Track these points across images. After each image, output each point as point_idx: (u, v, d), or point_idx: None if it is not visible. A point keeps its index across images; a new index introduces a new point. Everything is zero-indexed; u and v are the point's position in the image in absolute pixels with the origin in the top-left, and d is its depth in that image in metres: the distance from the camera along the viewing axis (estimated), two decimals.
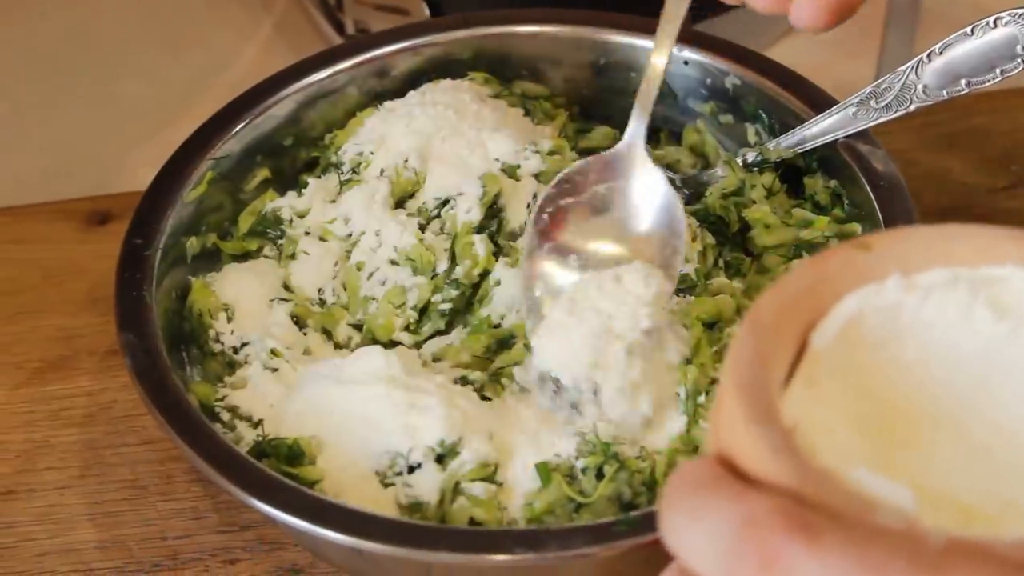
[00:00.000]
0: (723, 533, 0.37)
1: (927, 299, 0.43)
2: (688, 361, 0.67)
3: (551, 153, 0.77)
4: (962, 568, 0.35)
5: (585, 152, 0.79)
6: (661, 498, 0.39)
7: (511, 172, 0.76)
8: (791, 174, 0.76)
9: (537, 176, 0.76)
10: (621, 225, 0.72)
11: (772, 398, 0.40)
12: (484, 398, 0.69)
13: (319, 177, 0.78)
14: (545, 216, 0.72)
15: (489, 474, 0.65)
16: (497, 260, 0.73)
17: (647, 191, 0.72)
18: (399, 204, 0.76)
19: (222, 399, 0.70)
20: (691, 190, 0.78)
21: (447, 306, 0.73)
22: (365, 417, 0.66)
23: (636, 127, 0.73)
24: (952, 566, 0.35)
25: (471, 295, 0.73)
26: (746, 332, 0.41)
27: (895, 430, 0.42)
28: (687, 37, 0.79)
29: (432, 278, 0.73)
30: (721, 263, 0.74)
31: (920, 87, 0.71)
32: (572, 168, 0.73)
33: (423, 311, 0.73)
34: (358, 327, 0.73)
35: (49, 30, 1.03)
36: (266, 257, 0.77)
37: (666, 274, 0.68)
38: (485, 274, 0.73)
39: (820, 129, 0.73)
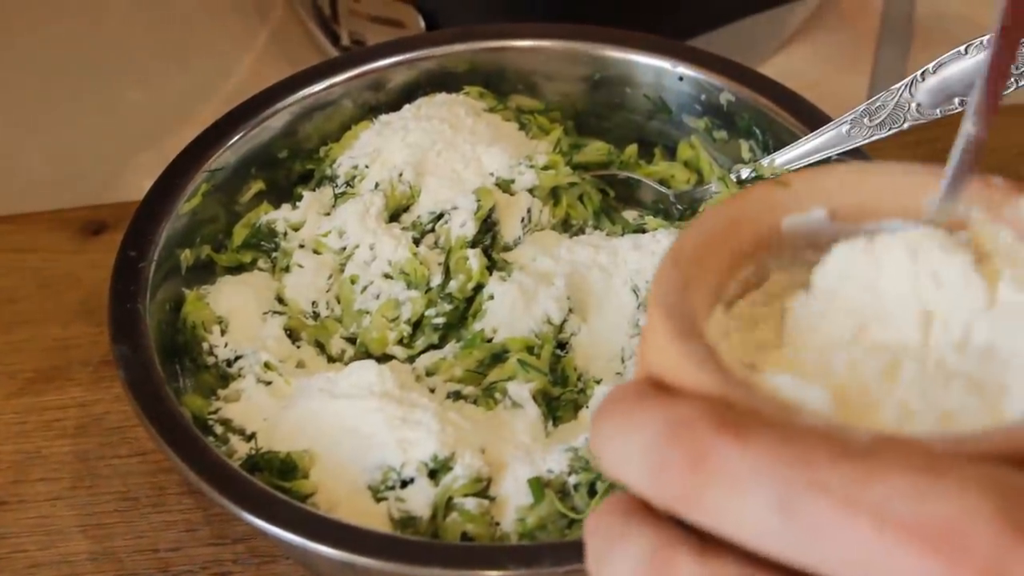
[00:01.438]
0: (650, 437, 0.37)
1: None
2: None
3: (545, 168, 0.77)
4: (889, 458, 0.35)
5: (580, 167, 0.79)
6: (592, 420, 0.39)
7: (505, 187, 0.76)
8: None
9: (531, 191, 0.76)
10: None
11: (695, 319, 0.41)
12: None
13: (314, 190, 0.79)
14: None
15: (481, 489, 0.65)
16: (491, 274, 0.73)
17: None
18: (393, 218, 0.77)
19: (215, 412, 0.70)
20: (685, 206, 0.78)
21: (441, 320, 0.73)
22: (358, 431, 0.66)
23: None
24: (878, 456, 0.35)
25: (465, 309, 0.73)
26: (669, 263, 0.42)
27: (815, 347, 0.43)
28: (682, 53, 0.79)
29: (426, 292, 0.73)
30: None
31: (914, 105, 0.71)
32: None
33: (416, 325, 0.73)
34: (352, 340, 0.73)
35: (47, 39, 1.03)
36: (260, 270, 0.77)
37: None
38: (479, 288, 0.73)
39: (814, 146, 0.74)
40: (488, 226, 0.75)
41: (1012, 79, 0.68)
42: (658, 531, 0.38)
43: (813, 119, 0.75)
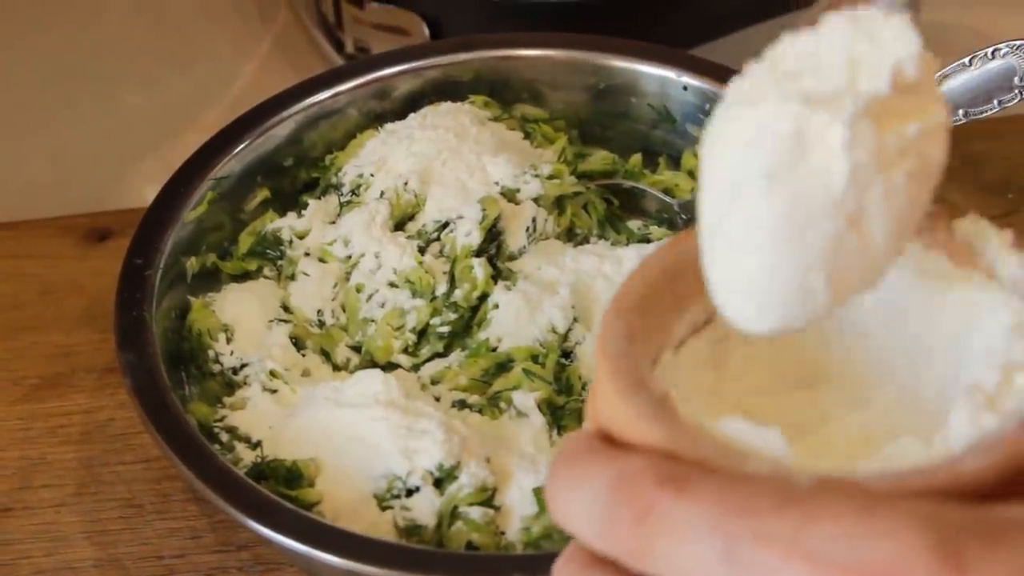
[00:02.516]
0: (597, 495, 0.38)
1: None
2: None
3: (550, 177, 0.77)
4: (828, 500, 0.35)
5: (585, 176, 0.80)
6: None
7: (511, 196, 0.77)
8: None
9: (536, 200, 0.77)
10: None
11: (642, 370, 0.41)
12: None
13: (319, 198, 0.79)
14: None
15: (487, 498, 0.65)
16: (496, 283, 0.74)
17: None
18: (399, 226, 0.77)
19: (221, 420, 0.70)
20: (689, 215, 0.78)
21: (446, 329, 0.73)
22: (364, 440, 0.66)
23: None
24: (818, 499, 0.35)
25: (470, 318, 0.73)
26: (612, 311, 0.42)
27: (772, 394, 0.43)
28: (686, 62, 0.79)
29: (431, 301, 0.73)
30: None
31: None
32: None
33: (422, 334, 0.73)
34: (357, 349, 0.74)
35: (49, 45, 1.03)
36: (265, 278, 0.77)
37: None
38: (484, 297, 0.73)
39: None
40: (493, 235, 0.75)
41: (1016, 91, 0.69)
42: None
43: None
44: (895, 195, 0.38)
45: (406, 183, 0.77)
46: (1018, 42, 0.68)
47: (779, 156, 0.38)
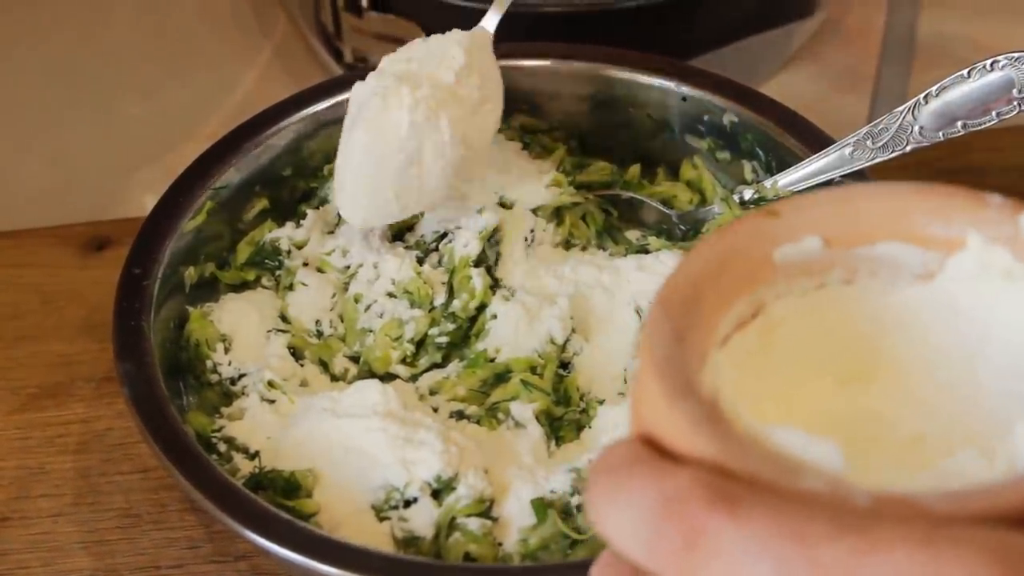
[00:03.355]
0: (644, 511, 0.37)
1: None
2: None
3: (549, 187, 0.77)
4: (887, 527, 0.34)
5: (583, 187, 0.80)
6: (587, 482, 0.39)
7: (509, 206, 0.77)
8: None
9: (535, 211, 0.77)
10: None
11: (689, 372, 0.39)
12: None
13: (317, 208, 0.79)
14: None
15: (484, 509, 0.65)
16: (494, 294, 0.74)
17: None
18: (397, 237, 0.77)
19: (219, 430, 0.70)
20: (688, 226, 0.78)
21: (444, 339, 0.73)
22: (362, 451, 0.66)
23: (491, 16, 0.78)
24: (877, 526, 0.34)
25: (468, 329, 0.73)
26: (657, 310, 0.41)
27: (822, 390, 0.42)
28: (685, 73, 0.79)
29: (429, 311, 0.73)
30: None
31: (916, 128, 0.71)
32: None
33: (420, 344, 0.73)
34: (355, 359, 0.74)
35: (49, 54, 1.03)
36: (263, 287, 0.77)
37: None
38: (482, 308, 0.73)
39: (817, 168, 0.74)
40: (491, 246, 0.75)
41: (1015, 103, 0.69)
42: None
43: (816, 141, 0.75)
44: (443, 146, 0.70)
45: None
46: (1017, 54, 0.68)
47: (372, 110, 0.71)
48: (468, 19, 0.90)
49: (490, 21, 0.77)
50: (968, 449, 0.40)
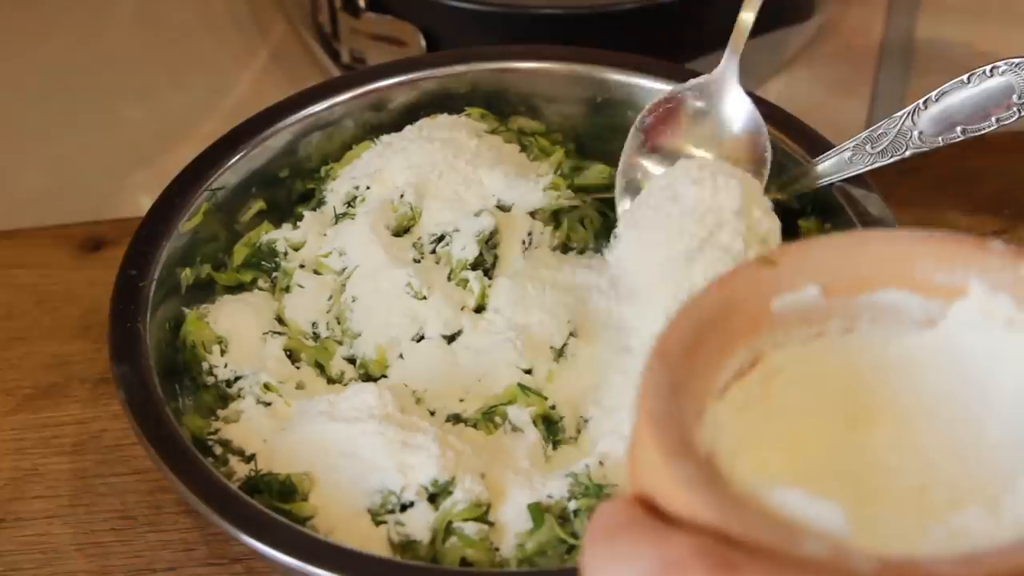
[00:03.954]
0: None
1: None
2: None
3: (547, 190, 0.77)
4: None
5: (581, 190, 0.79)
6: (581, 545, 0.38)
7: (507, 209, 0.76)
8: (786, 216, 0.76)
9: (532, 213, 0.76)
10: (713, 135, 0.75)
11: (687, 428, 0.39)
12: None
13: (314, 210, 0.79)
14: (649, 118, 0.76)
15: (481, 514, 0.65)
16: (492, 296, 0.73)
17: (736, 112, 0.76)
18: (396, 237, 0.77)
19: (215, 433, 0.70)
20: None
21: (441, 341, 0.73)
22: (358, 454, 0.66)
23: (729, 59, 0.77)
24: None
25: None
26: (655, 364, 0.40)
27: (823, 440, 0.42)
28: (683, 77, 0.79)
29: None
30: None
31: (916, 133, 0.71)
32: (674, 88, 0.77)
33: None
34: (351, 362, 0.73)
35: (45, 55, 1.03)
36: (260, 289, 0.77)
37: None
38: (480, 310, 0.73)
39: (816, 173, 0.74)
40: (489, 248, 0.75)
41: (1014, 109, 0.69)
42: None
43: (815, 145, 0.75)
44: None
45: (402, 195, 0.76)
46: (1016, 60, 0.68)
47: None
48: (465, 21, 0.90)
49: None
50: (973, 505, 0.39)
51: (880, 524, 0.39)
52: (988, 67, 0.69)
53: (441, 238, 0.75)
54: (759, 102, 0.78)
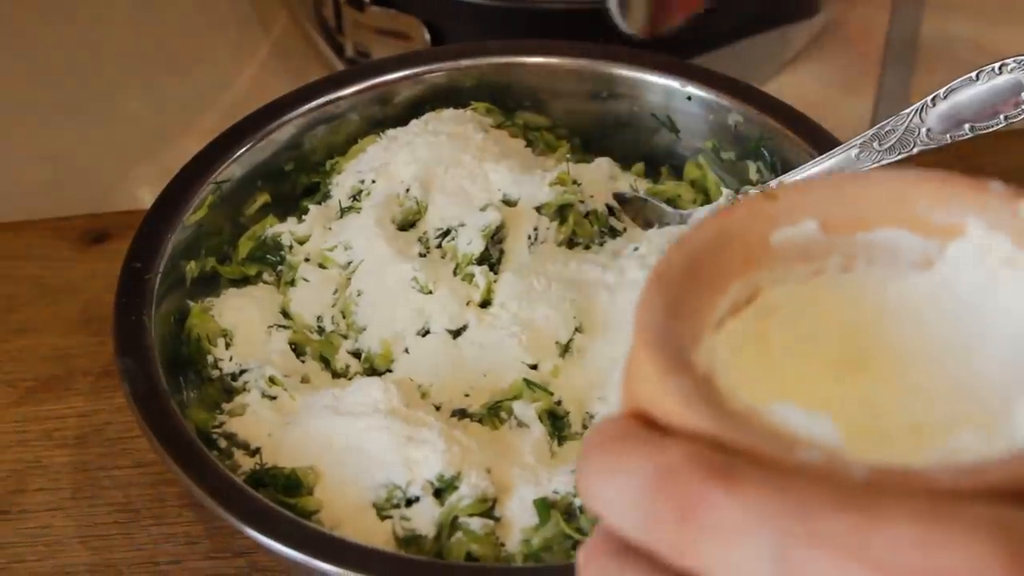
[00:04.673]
0: (638, 485, 0.36)
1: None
2: None
3: (553, 185, 0.77)
4: (889, 501, 0.34)
5: None
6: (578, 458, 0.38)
7: (512, 204, 0.76)
8: None
9: (539, 208, 0.76)
10: None
11: (683, 349, 0.39)
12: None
13: (320, 203, 0.78)
14: None
15: (487, 509, 0.65)
16: (497, 291, 0.73)
17: None
18: (402, 231, 0.76)
19: (219, 426, 0.70)
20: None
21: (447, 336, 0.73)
22: (364, 449, 0.66)
23: None
24: (878, 500, 0.34)
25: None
26: (652, 286, 0.40)
27: (818, 379, 0.41)
28: (690, 72, 0.79)
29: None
30: None
31: (923, 130, 0.71)
32: None
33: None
34: (357, 356, 0.73)
35: (49, 46, 1.02)
36: (265, 283, 0.76)
37: None
38: (485, 305, 0.73)
39: (822, 169, 0.74)
40: (495, 243, 0.75)
41: (1023, 107, 0.69)
42: (651, 572, 0.37)
43: (822, 142, 0.75)
44: None
45: (408, 189, 0.76)
46: None
47: None
48: (470, 16, 0.90)
49: None
50: (967, 429, 0.39)
51: (874, 447, 0.39)
52: (997, 64, 0.69)
53: (447, 233, 0.75)
54: (764, 98, 0.78)
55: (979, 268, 0.42)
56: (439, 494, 0.65)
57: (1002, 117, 0.69)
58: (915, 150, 0.71)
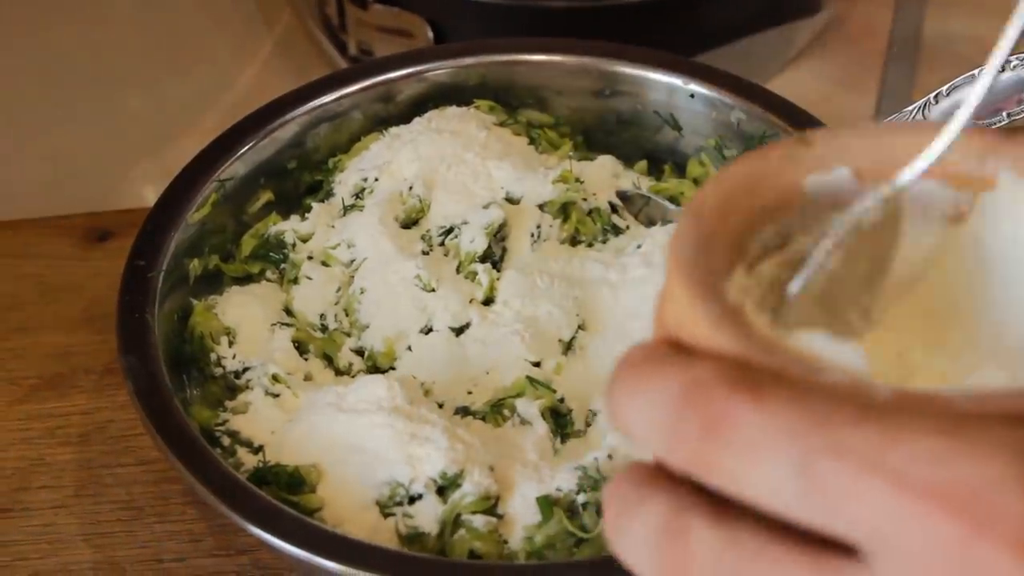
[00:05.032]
0: (665, 401, 0.36)
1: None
2: None
3: (555, 182, 0.77)
4: (912, 418, 0.34)
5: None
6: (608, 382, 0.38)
7: (515, 202, 0.76)
8: None
9: (541, 206, 0.76)
10: None
11: (716, 277, 0.40)
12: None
13: (323, 201, 0.78)
14: None
15: (490, 507, 0.65)
16: (500, 289, 0.73)
17: None
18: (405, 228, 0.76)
19: (222, 424, 0.70)
20: None
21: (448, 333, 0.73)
22: (367, 446, 0.66)
23: None
24: (901, 417, 0.34)
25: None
26: (688, 217, 0.41)
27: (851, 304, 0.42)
28: (693, 70, 0.79)
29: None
30: None
31: None
32: None
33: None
34: (360, 353, 0.73)
35: (50, 45, 1.02)
36: (268, 280, 0.77)
37: None
38: (488, 302, 0.73)
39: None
40: (498, 241, 0.75)
41: (1023, 105, 0.69)
42: (673, 497, 0.37)
43: None
44: None
45: (411, 187, 0.76)
46: None
47: None
48: (472, 13, 0.90)
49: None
50: (990, 368, 0.40)
51: (899, 384, 0.39)
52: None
53: (450, 230, 0.75)
54: (767, 95, 0.78)
55: (1011, 219, 0.42)
56: (442, 491, 0.65)
57: (1005, 114, 0.69)
58: None
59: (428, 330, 0.73)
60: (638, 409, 0.37)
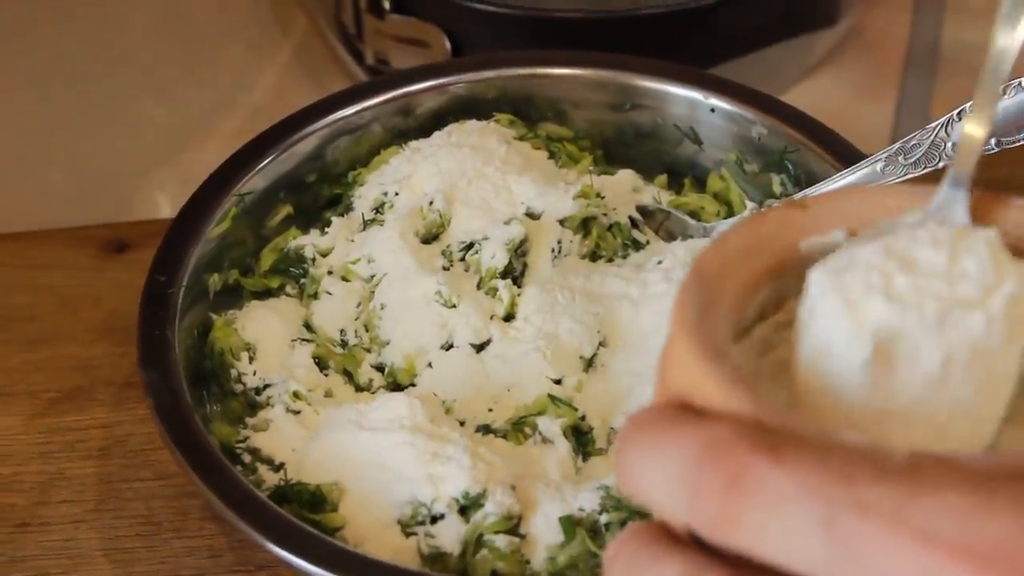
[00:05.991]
0: (685, 456, 0.36)
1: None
2: None
3: (576, 198, 0.77)
4: (933, 476, 0.34)
5: None
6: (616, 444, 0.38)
7: (536, 217, 0.76)
8: None
9: (562, 221, 0.76)
10: None
11: (721, 339, 0.40)
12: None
13: (342, 215, 0.78)
14: None
15: (512, 526, 0.65)
16: (521, 305, 0.73)
17: None
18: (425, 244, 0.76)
19: (243, 441, 0.70)
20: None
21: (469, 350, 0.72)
22: (388, 465, 0.66)
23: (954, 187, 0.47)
24: (919, 475, 0.34)
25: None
26: (693, 281, 0.41)
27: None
28: (714, 84, 0.79)
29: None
30: None
31: (950, 145, 0.70)
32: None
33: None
34: (380, 369, 0.73)
35: (66, 54, 1.02)
36: (287, 295, 0.76)
37: None
38: (509, 318, 0.73)
39: (847, 183, 0.73)
40: (518, 257, 0.74)
41: None
42: (687, 558, 0.37)
43: (846, 155, 0.75)
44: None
45: (431, 202, 0.76)
46: None
47: None
48: (490, 24, 0.90)
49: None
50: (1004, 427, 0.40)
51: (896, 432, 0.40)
52: (1021, 79, 0.69)
53: (470, 246, 0.75)
54: (788, 110, 0.78)
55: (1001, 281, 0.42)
56: (464, 511, 0.65)
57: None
58: (941, 164, 0.71)
59: (449, 346, 0.72)
60: (655, 468, 0.37)
